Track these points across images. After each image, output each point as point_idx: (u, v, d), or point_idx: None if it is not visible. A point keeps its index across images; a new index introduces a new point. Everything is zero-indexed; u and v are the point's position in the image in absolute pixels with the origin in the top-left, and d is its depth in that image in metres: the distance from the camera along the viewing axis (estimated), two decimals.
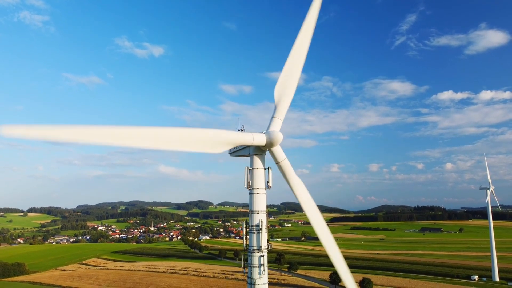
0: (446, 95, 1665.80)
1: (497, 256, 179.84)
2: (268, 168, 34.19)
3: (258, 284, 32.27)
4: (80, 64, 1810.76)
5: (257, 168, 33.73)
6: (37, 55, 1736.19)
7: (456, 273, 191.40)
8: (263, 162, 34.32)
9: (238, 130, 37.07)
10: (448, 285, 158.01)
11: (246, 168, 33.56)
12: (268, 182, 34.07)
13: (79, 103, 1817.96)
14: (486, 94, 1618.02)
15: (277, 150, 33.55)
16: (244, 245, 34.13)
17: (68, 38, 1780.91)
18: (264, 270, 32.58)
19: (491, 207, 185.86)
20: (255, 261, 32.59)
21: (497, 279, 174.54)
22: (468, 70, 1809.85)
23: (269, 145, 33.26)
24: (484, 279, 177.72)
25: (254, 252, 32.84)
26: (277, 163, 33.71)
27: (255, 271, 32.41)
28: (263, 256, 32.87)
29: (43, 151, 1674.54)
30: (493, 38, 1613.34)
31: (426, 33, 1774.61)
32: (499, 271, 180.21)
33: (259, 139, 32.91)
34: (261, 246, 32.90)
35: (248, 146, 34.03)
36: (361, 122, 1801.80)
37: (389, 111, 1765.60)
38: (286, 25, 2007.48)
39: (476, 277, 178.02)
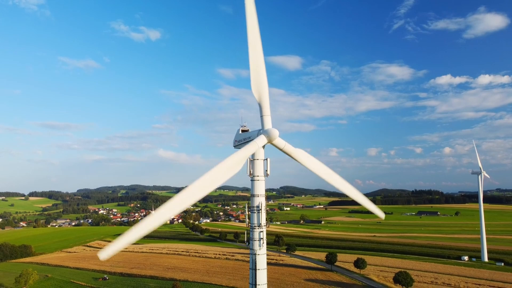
0: (444, 80, 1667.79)
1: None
2: (266, 159, 40.15)
3: (258, 254, 39.46)
4: (76, 48, 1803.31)
5: (258, 159, 40.34)
6: (33, 39, 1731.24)
7: (448, 254, 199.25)
8: (262, 154, 40.70)
9: (241, 126, 43.06)
10: (438, 265, 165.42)
11: (248, 159, 39.46)
12: (266, 170, 40.56)
13: (76, 87, 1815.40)
14: (485, 79, 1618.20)
15: (277, 141, 39.26)
16: (247, 223, 40.62)
17: (64, 22, 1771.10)
18: (263, 243, 39.78)
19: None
20: (256, 235, 39.80)
21: (486, 259, 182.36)
22: (467, 54, 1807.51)
23: (269, 141, 39.13)
24: (474, 259, 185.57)
25: (255, 228, 39.96)
26: (281, 149, 39.69)
27: (256, 243, 39.72)
28: (262, 231, 39.92)
29: (42, 135, 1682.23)
30: (491, 21, 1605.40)
31: (424, 17, 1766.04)
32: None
33: (262, 142, 38.74)
34: (260, 223, 39.87)
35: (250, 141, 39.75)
36: (359, 107, 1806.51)
37: (387, 96, 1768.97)
38: (283, 8, 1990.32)
39: (466, 258, 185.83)
